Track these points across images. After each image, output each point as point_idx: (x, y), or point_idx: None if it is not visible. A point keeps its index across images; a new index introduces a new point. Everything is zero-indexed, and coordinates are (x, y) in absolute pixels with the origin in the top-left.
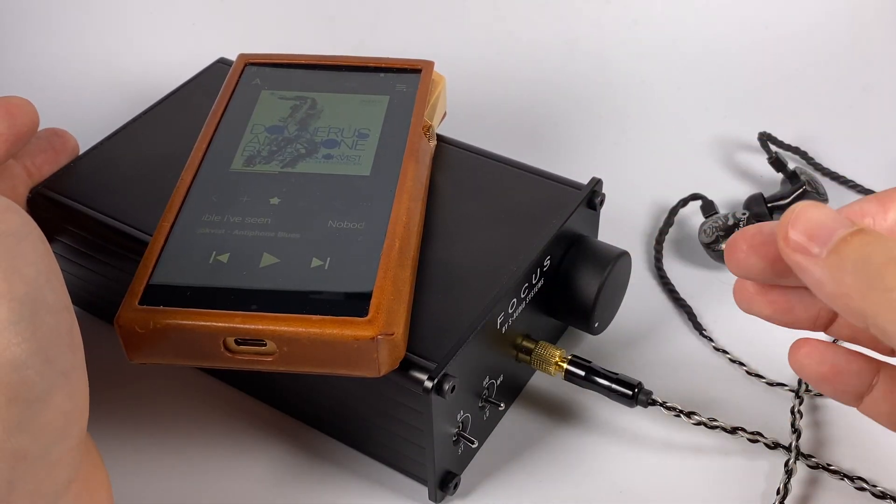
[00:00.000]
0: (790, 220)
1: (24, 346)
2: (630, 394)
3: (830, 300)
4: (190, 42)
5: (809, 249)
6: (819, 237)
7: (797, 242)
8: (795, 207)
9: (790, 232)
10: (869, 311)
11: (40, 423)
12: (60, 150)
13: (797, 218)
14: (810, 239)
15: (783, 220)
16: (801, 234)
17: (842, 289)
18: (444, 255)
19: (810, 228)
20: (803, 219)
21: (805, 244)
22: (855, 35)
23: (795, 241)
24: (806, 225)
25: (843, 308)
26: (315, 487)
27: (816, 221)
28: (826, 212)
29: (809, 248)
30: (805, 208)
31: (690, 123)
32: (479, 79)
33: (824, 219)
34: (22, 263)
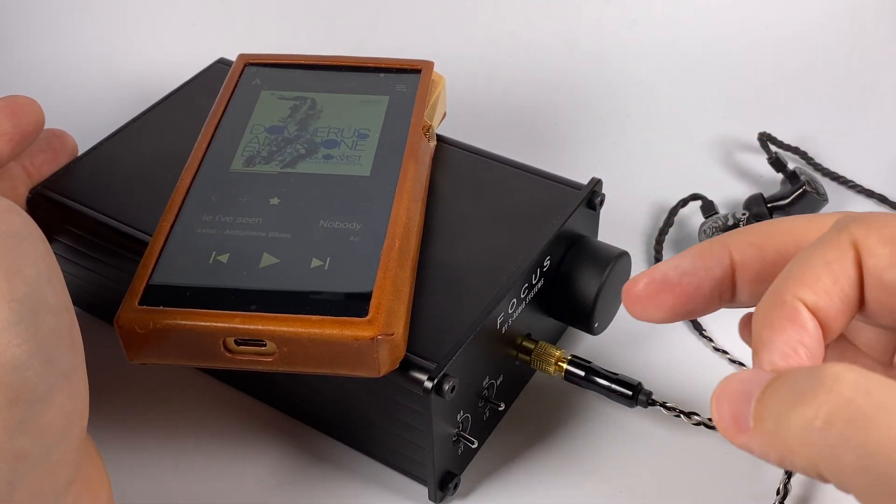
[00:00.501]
0: (714, 402)
1: (25, 347)
2: (630, 394)
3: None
4: (190, 42)
5: (740, 426)
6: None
7: (727, 425)
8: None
9: (717, 417)
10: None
11: (41, 424)
12: (60, 151)
13: (718, 400)
14: (735, 416)
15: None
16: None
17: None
18: (444, 255)
19: (731, 399)
20: (723, 398)
21: (734, 424)
22: (855, 35)
23: (724, 423)
24: (727, 403)
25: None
26: (315, 487)
27: (734, 394)
28: (741, 378)
29: (739, 426)
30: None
31: (690, 123)
32: (479, 79)
33: (741, 387)
34: (22, 264)
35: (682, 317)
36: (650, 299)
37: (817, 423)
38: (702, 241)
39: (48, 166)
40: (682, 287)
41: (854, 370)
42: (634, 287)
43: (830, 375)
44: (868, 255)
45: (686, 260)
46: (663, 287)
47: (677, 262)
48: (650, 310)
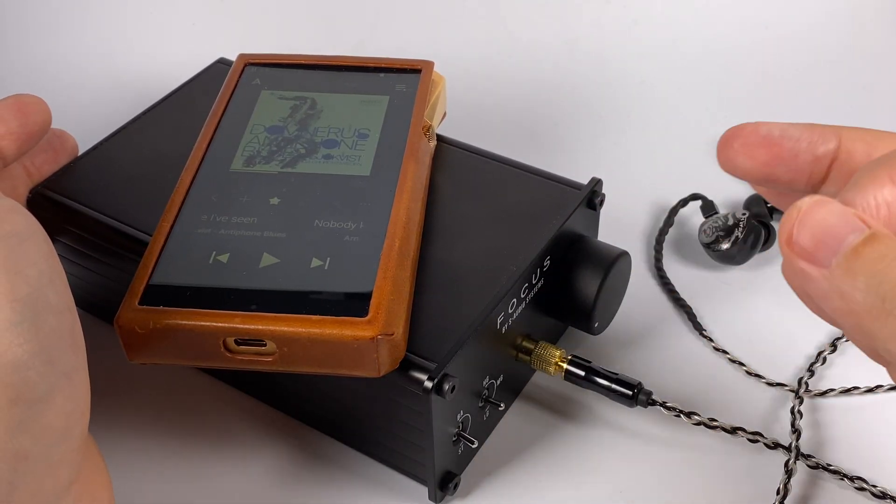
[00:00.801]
0: (796, 221)
1: (26, 347)
2: (630, 394)
3: (837, 316)
4: (190, 42)
5: (816, 258)
6: (827, 245)
7: (802, 248)
8: (801, 204)
9: (795, 234)
10: (879, 335)
11: (42, 425)
12: (60, 151)
13: (803, 220)
14: (817, 246)
15: (787, 217)
16: (808, 240)
17: (851, 306)
18: (444, 255)
19: (817, 233)
20: (810, 222)
21: (812, 252)
22: (855, 35)
23: (800, 246)
24: (813, 229)
25: (850, 327)
26: (315, 487)
27: (824, 225)
28: (835, 212)
29: (816, 258)
30: (812, 207)
31: (690, 123)
32: (479, 79)
33: (833, 221)
34: (25, 264)
35: (767, 178)
36: (745, 148)
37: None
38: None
39: (48, 166)
40: (780, 147)
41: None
42: (734, 134)
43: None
44: None
45: (795, 127)
46: (763, 141)
47: (786, 125)
48: (740, 157)
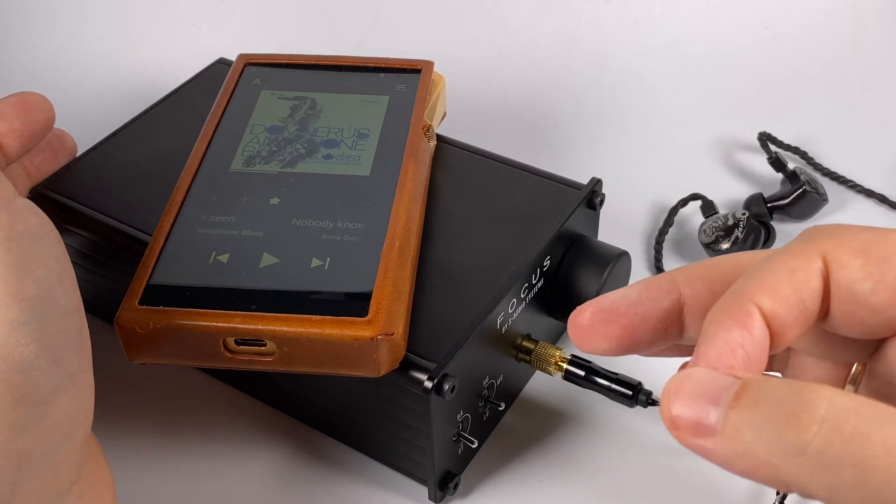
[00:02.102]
0: (669, 398)
1: (33, 347)
2: (630, 394)
3: (748, 476)
4: (190, 42)
5: (703, 425)
6: (707, 412)
7: (685, 419)
8: (668, 386)
9: (672, 409)
10: (793, 481)
11: (46, 425)
12: (59, 150)
13: (676, 393)
14: (700, 411)
15: (662, 402)
16: (687, 408)
17: (753, 463)
18: (444, 255)
19: (693, 399)
20: (683, 391)
21: (696, 418)
22: (855, 35)
23: (682, 418)
24: (686, 403)
25: (769, 482)
26: (315, 487)
27: (695, 391)
28: (699, 376)
29: (703, 423)
30: (679, 385)
31: (690, 123)
32: (479, 79)
33: (702, 385)
34: (35, 265)
35: (628, 349)
36: (596, 329)
37: (813, 445)
38: (701, 239)
39: (47, 166)
40: (628, 317)
41: (842, 394)
42: (580, 316)
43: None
44: (838, 266)
45: (633, 291)
46: (610, 316)
47: (625, 292)
48: (595, 339)
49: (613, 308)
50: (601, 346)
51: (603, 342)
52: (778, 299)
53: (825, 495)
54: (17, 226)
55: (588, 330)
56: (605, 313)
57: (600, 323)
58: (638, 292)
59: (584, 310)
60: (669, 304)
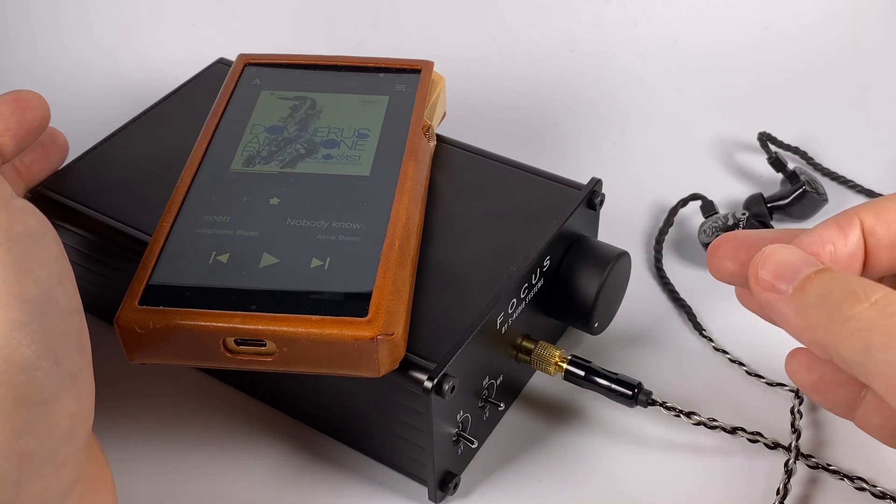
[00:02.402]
0: (760, 261)
1: (34, 348)
2: (630, 394)
3: (797, 334)
4: (190, 42)
5: (777, 287)
6: (785, 276)
7: (766, 281)
8: (765, 249)
9: (760, 272)
10: (829, 342)
11: (47, 425)
12: (51, 149)
13: (766, 259)
14: (777, 278)
15: (753, 261)
16: (770, 274)
17: (806, 322)
18: (444, 255)
19: (778, 268)
20: (771, 260)
21: (773, 282)
22: (855, 35)
23: (764, 279)
24: (774, 265)
25: (808, 341)
26: (315, 487)
27: (783, 261)
28: (792, 252)
29: (777, 286)
30: (773, 250)
31: (690, 123)
32: (479, 79)
33: (791, 258)
34: (35, 265)
35: None
36: (729, 253)
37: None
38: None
39: (38, 164)
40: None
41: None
42: (718, 244)
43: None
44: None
45: (767, 231)
46: (742, 244)
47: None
48: (726, 262)
49: (748, 239)
50: (731, 268)
51: (732, 265)
52: (880, 219)
53: (854, 358)
54: (17, 226)
55: (725, 252)
56: (741, 241)
57: (736, 248)
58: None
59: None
60: None
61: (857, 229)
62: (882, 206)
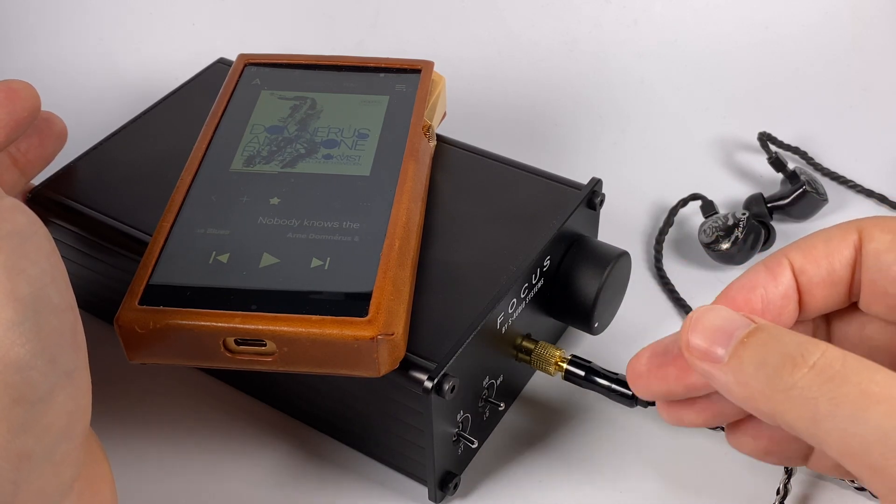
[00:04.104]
0: (689, 327)
1: (28, 347)
2: (630, 394)
3: (741, 403)
4: (190, 42)
5: (711, 355)
6: (718, 341)
7: (699, 349)
8: (693, 314)
9: (691, 338)
10: (775, 411)
11: (44, 424)
12: (46, 135)
13: (696, 324)
14: (711, 344)
15: (683, 327)
16: (702, 340)
17: (747, 392)
18: (444, 255)
19: (708, 334)
20: (701, 325)
21: (707, 350)
22: (855, 35)
23: (697, 347)
24: (704, 331)
25: (753, 410)
26: (315, 487)
27: (713, 326)
28: (721, 313)
29: (711, 353)
30: (702, 313)
31: (690, 123)
32: (479, 79)
33: (720, 322)
34: (27, 263)
35: (688, 392)
36: (653, 373)
37: (801, 383)
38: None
39: (34, 151)
40: (683, 359)
41: (838, 349)
42: (638, 362)
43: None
44: (869, 239)
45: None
46: (665, 360)
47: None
48: (654, 383)
49: (668, 351)
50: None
51: (662, 384)
52: (809, 258)
53: (803, 426)
54: (6, 225)
55: (646, 375)
56: (661, 357)
57: (657, 367)
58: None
59: (641, 356)
60: None
61: (787, 270)
62: (809, 243)
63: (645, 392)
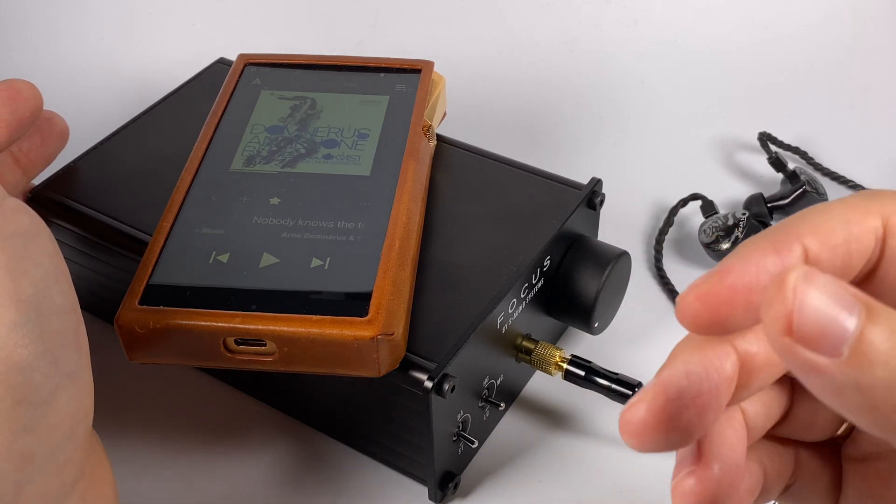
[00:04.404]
0: (794, 309)
1: (31, 348)
2: (630, 394)
3: (853, 414)
4: (190, 42)
5: (823, 348)
6: (833, 333)
7: (809, 335)
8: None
9: (796, 321)
10: None
11: (47, 425)
12: (48, 135)
13: (801, 308)
14: (821, 336)
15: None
16: (811, 330)
17: (872, 402)
18: (444, 255)
19: (819, 323)
20: (808, 309)
21: (820, 337)
22: (855, 35)
23: (803, 334)
24: (813, 318)
25: (871, 424)
26: (315, 487)
27: (824, 312)
28: (831, 287)
29: (822, 348)
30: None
31: (690, 123)
32: (479, 79)
33: (830, 306)
34: (30, 265)
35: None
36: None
37: None
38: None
39: (37, 151)
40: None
41: None
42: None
43: None
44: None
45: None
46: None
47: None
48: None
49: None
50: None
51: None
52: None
53: None
54: (9, 226)
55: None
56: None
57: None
58: None
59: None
60: None
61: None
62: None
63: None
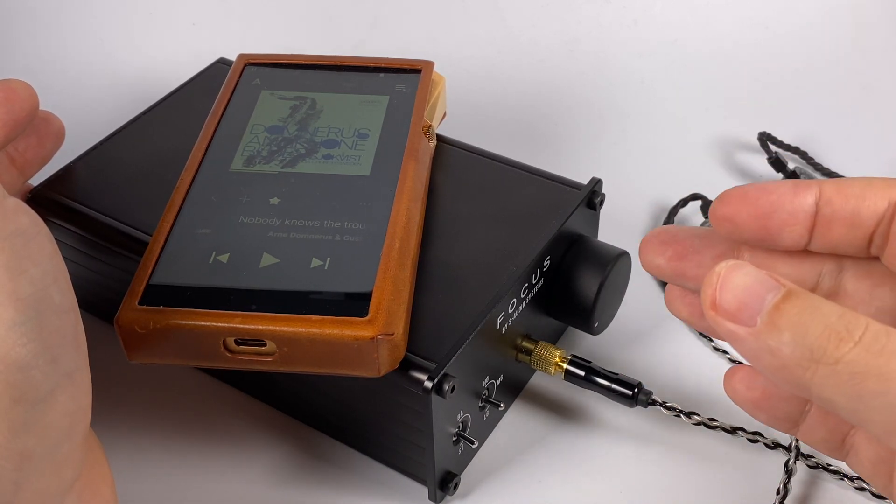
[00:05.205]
0: (717, 285)
1: (30, 347)
2: (630, 394)
3: (769, 372)
4: (190, 42)
5: (741, 319)
6: (749, 305)
7: (726, 310)
8: (719, 269)
9: (718, 298)
10: (812, 384)
11: (45, 424)
12: (44, 135)
13: (724, 284)
14: (739, 307)
15: (707, 282)
16: (731, 301)
17: (781, 361)
18: (444, 255)
19: (738, 294)
20: (730, 285)
21: (735, 312)
22: (855, 35)
23: (724, 308)
24: (734, 292)
25: (781, 380)
26: (315, 487)
27: (744, 284)
28: (752, 273)
29: (741, 318)
30: (730, 271)
31: (690, 123)
32: (479, 79)
33: (752, 281)
34: (29, 264)
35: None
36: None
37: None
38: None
39: (33, 151)
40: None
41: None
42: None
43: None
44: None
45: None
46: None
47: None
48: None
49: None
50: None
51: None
52: (840, 192)
53: (844, 401)
54: (9, 225)
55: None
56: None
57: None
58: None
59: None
60: None
61: (812, 195)
62: (847, 181)
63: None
